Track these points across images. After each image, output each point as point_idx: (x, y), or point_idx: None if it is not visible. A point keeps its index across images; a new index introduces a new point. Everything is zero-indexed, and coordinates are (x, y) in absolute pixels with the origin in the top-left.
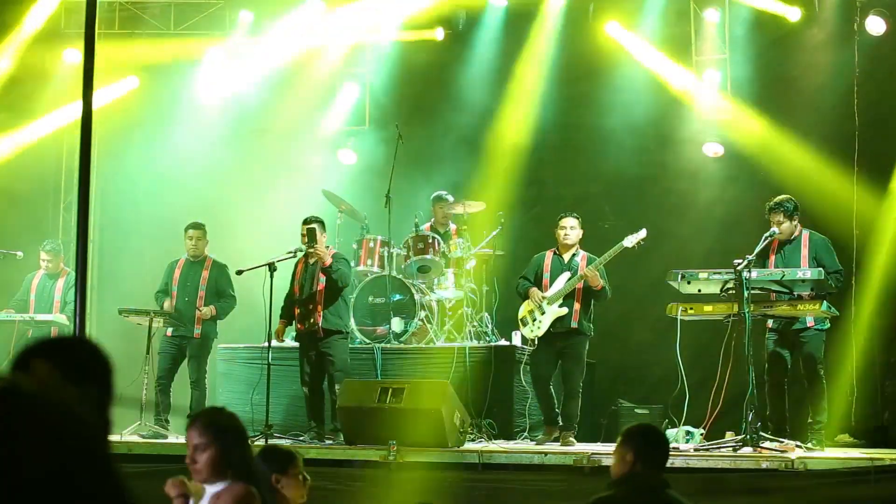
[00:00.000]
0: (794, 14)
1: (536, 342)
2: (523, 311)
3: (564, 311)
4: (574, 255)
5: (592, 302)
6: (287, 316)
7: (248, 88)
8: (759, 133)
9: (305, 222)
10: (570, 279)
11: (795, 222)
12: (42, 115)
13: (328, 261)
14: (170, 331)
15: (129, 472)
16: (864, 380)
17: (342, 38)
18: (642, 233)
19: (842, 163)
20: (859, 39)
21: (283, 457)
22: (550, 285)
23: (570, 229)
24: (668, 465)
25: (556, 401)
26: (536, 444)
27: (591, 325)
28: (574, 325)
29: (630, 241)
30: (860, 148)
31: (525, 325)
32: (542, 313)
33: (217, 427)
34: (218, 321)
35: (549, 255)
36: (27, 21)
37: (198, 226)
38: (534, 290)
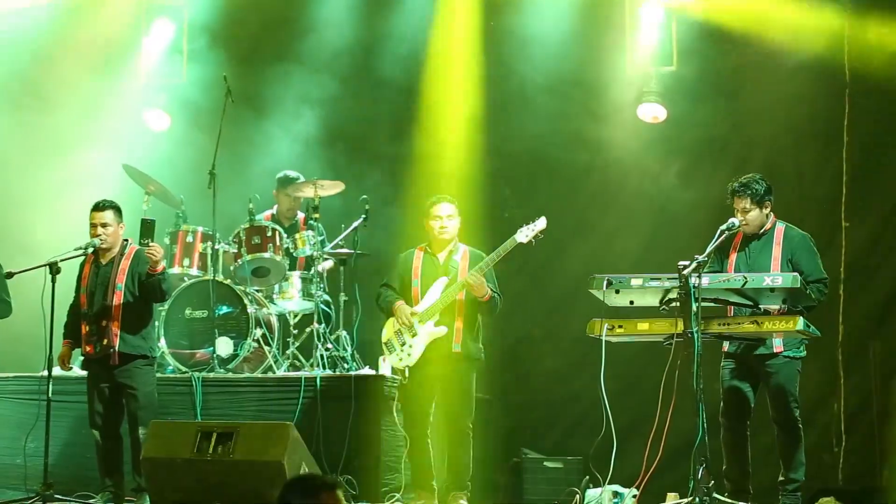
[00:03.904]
0: None
1: (409, 373)
2: (388, 332)
3: (443, 330)
4: (452, 252)
5: (479, 317)
6: (73, 336)
7: (22, 25)
8: (715, 90)
9: (97, 208)
10: (447, 287)
11: (767, 210)
12: None
13: (162, 265)
14: None
15: None
16: (854, 425)
17: None
18: (540, 223)
19: (827, 130)
20: None
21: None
22: (422, 296)
23: (448, 219)
24: None
25: (433, 458)
26: None
27: (481, 348)
28: (457, 348)
29: (524, 234)
30: (851, 111)
31: (391, 350)
32: (414, 335)
33: None
34: None
35: (418, 254)
36: None
37: None
38: (400, 304)
